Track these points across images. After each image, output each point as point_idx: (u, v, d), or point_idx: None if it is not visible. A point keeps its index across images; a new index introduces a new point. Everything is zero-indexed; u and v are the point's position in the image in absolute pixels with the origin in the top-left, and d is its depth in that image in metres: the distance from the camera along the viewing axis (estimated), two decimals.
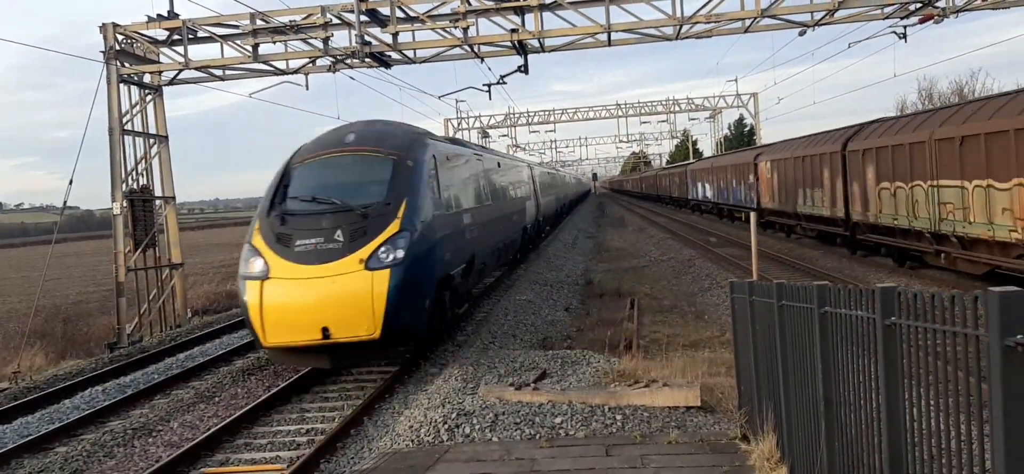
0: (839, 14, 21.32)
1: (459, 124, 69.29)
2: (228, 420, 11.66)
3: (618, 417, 9.66)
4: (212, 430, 11.26)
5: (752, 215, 15.26)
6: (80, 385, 15.54)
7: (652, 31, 22.14)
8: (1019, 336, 3.29)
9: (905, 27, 22.70)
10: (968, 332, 3.71)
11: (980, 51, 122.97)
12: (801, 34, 22.60)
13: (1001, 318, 3.33)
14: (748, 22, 21.70)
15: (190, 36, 22.10)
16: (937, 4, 20.91)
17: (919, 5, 20.92)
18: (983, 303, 3.51)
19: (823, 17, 21.40)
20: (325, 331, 12.13)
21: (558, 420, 9.70)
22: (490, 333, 16.50)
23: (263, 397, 12.83)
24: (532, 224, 30.28)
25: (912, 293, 4.41)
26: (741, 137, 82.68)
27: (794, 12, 21.57)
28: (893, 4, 21.08)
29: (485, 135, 78.12)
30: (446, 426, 9.76)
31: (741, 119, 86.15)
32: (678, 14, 21.14)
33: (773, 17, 21.52)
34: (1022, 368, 3.31)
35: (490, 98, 27.83)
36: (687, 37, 22.39)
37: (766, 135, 66.99)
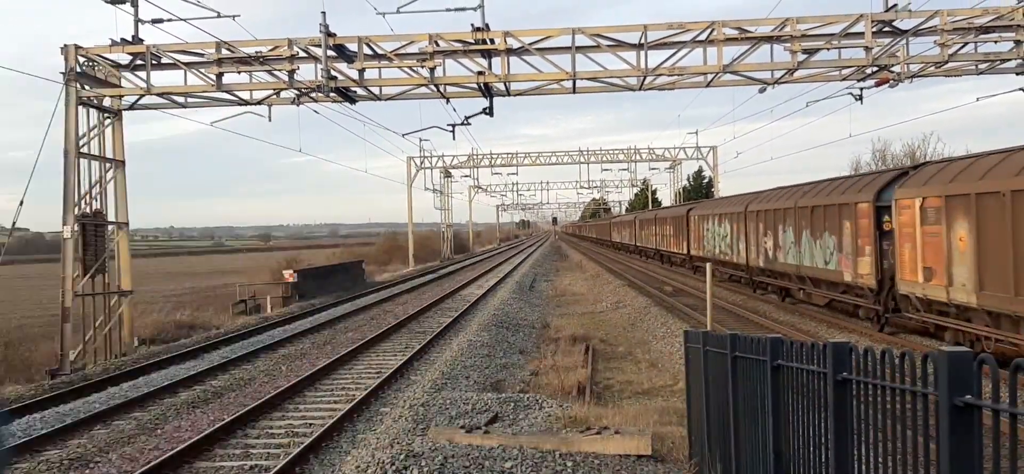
0: (798, 73, 21.79)
1: (422, 163, 69.27)
2: (169, 454, 11.34)
3: (569, 463, 9.56)
4: (151, 464, 10.94)
5: (708, 265, 15.38)
6: (17, 411, 15.03)
7: (616, 81, 22.42)
8: (968, 396, 3.30)
9: (862, 89, 23.24)
10: (918, 390, 3.71)
11: (933, 116, 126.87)
12: (761, 91, 23.04)
13: (950, 378, 3.34)
14: (710, 77, 22.07)
15: (154, 62, 21.86)
16: (892, 68, 21.45)
17: (875, 68, 21.45)
18: (933, 362, 3.52)
19: (783, 76, 21.85)
20: None
21: (508, 465, 9.57)
22: (443, 374, 16.34)
23: (207, 431, 12.52)
24: None
25: (863, 349, 4.43)
26: (699, 188, 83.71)
27: (755, 69, 21.99)
28: (850, 67, 21.60)
29: (447, 175, 78.18)
30: (394, 467, 9.57)
31: (700, 171, 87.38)
32: (642, 66, 21.43)
33: (734, 73, 21.92)
34: (970, 427, 3.31)
35: (454, 138, 28.02)
36: (651, 88, 22.72)
37: (723, 188, 67.94)
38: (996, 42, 21.09)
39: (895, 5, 20.77)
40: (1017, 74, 21.67)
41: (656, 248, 52.76)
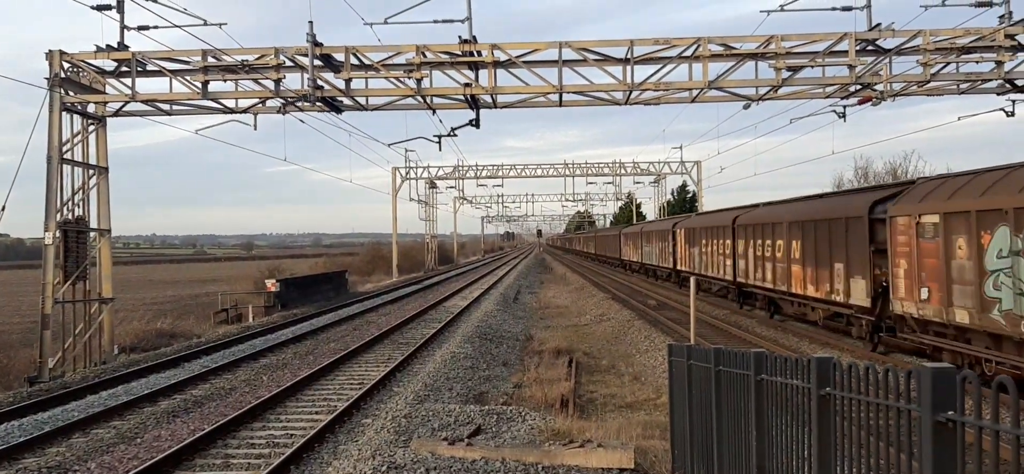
0: (782, 90, 21.95)
1: (408, 173, 69.21)
2: (149, 463, 11.24)
3: None
4: (131, 473, 10.83)
5: (692, 279, 15.42)
6: None
7: (603, 95, 22.49)
8: (950, 412, 3.32)
9: (845, 107, 23.45)
10: (900, 406, 3.74)
11: (915, 134, 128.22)
12: (745, 107, 23.20)
13: (933, 394, 3.36)
14: (695, 92, 22.19)
15: (139, 69, 21.76)
16: (875, 87, 21.65)
17: (858, 87, 21.63)
18: (916, 378, 3.55)
19: (767, 92, 22.00)
20: None
21: None
22: (425, 385, 16.29)
23: (187, 440, 12.42)
24: None
25: (847, 364, 4.45)
26: (683, 203, 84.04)
27: (739, 86, 22.14)
28: (834, 84, 21.77)
29: (433, 186, 78.13)
30: None
31: (684, 185, 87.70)
32: (628, 80, 21.53)
33: (719, 89, 22.05)
34: (952, 444, 3.33)
35: (440, 149, 28.03)
36: (636, 103, 22.81)
37: (707, 203, 68.26)
38: (978, 62, 21.33)
39: (879, 24, 20.98)
40: (998, 94, 21.91)
41: (733, 281, 28.67)
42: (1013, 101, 21.97)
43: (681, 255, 39.24)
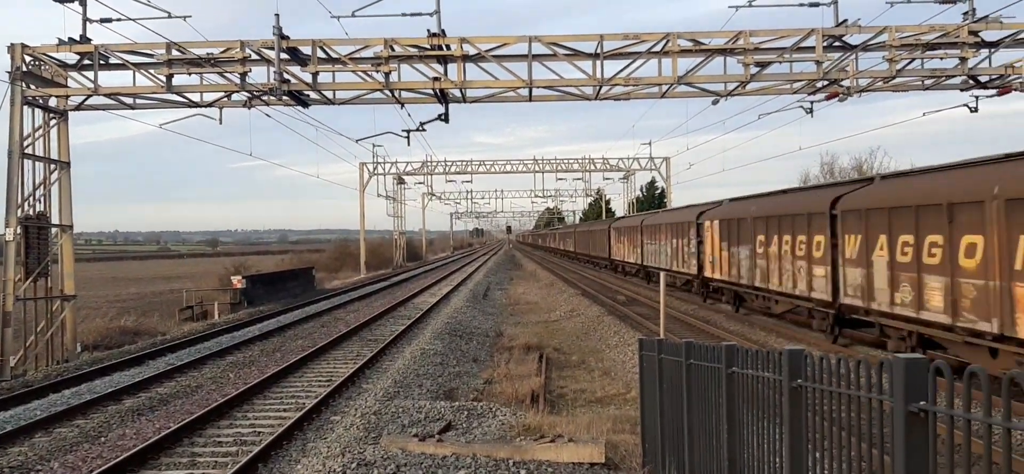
0: (751, 86, 22.08)
1: (375, 169, 68.86)
2: (113, 462, 11.04)
3: (523, 472, 9.53)
4: (95, 473, 10.64)
5: (662, 275, 15.49)
6: None
7: (572, 90, 22.48)
8: (922, 402, 3.32)
9: (812, 102, 23.65)
10: (873, 397, 3.74)
11: (880, 130, 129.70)
12: (714, 103, 23.30)
13: (906, 384, 3.36)
14: (664, 88, 22.25)
15: (101, 62, 21.38)
16: (842, 83, 21.86)
17: (825, 83, 21.84)
18: (888, 369, 3.55)
19: (735, 88, 22.12)
20: None
21: (461, 473, 9.51)
22: (395, 382, 16.20)
23: (152, 439, 12.23)
24: None
25: (818, 356, 4.46)
26: (652, 199, 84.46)
27: (708, 81, 22.23)
28: (802, 80, 21.95)
29: (401, 181, 77.82)
30: None
31: (653, 182, 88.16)
32: (598, 75, 21.54)
33: (689, 85, 22.13)
34: (924, 434, 3.34)
35: (408, 144, 27.76)
36: (606, 98, 22.82)
37: (676, 199, 68.71)
38: (942, 59, 21.61)
39: (845, 21, 21.19)
40: (962, 90, 22.23)
41: (830, 301, 18.11)
42: (977, 97, 22.31)
43: (713, 257, 27.68)
